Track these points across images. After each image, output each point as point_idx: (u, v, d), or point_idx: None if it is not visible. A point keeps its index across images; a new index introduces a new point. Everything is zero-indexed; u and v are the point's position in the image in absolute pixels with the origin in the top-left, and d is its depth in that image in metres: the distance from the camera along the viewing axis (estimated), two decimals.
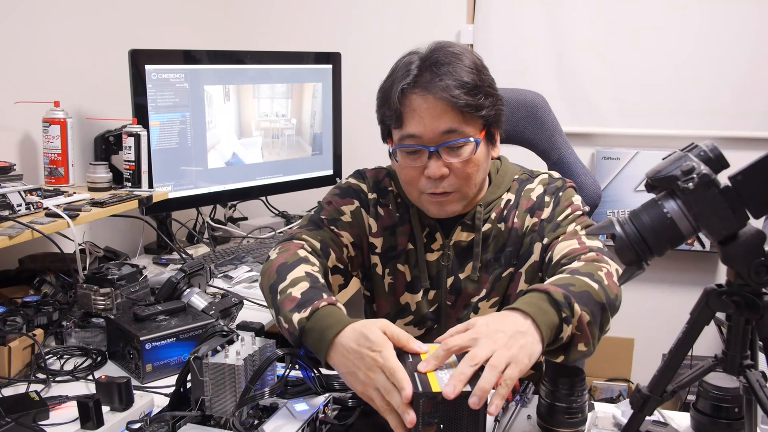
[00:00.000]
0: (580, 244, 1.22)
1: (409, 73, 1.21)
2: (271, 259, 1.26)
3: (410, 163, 1.25)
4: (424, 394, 0.89)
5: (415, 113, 1.21)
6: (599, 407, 1.17)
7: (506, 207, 1.34)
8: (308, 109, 2.45)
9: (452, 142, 1.21)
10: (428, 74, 1.20)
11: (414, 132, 1.22)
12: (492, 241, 1.33)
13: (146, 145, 1.88)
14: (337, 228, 1.34)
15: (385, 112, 1.25)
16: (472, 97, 1.20)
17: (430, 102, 1.19)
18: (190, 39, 2.58)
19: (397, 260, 1.36)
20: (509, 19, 2.65)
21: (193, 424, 1.04)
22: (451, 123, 1.20)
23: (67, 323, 1.46)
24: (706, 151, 0.86)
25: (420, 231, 1.34)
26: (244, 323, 1.52)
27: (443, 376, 0.93)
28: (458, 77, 1.19)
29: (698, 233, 0.86)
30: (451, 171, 1.23)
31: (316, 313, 1.07)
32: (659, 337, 2.17)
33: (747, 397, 0.90)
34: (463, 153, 1.23)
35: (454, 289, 1.34)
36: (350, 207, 1.37)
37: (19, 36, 1.82)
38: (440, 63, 1.20)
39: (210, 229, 2.39)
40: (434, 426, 0.90)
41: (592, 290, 1.07)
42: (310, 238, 1.31)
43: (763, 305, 0.85)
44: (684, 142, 0.91)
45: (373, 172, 1.43)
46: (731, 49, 2.52)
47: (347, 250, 1.34)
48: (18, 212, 1.46)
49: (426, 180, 1.24)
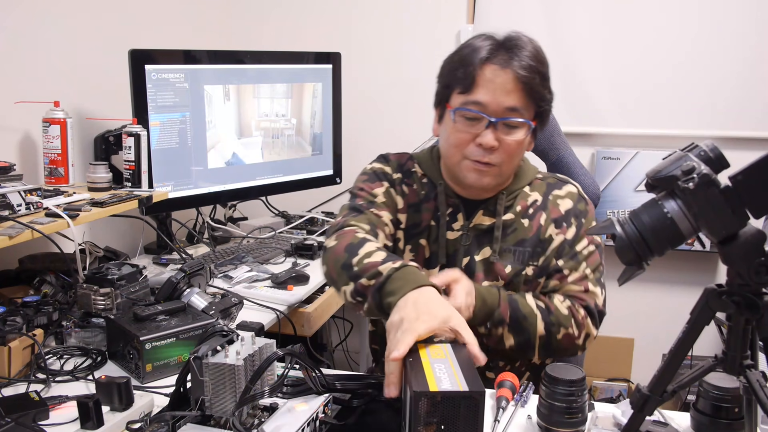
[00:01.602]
0: (582, 297, 1.34)
1: (490, 47, 1.29)
2: (332, 246, 1.29)
3: (466, 128, 1.31)
4: (422, 393, 0.89)
5: (489, 83, 1.28)
6: (599, 407, 1.17)
7: (533, 205, 1.40)
8: (308, 109, 2.45)
9: (512, 119, 1.29)
10: (508, 52, 1.29)
11: (481, 100, 1.28)
12: (512, 233, 1.39)
13: (146, 145, 1.88)
14: (376, 209, 1.40)
15: (456, 74, 1.31)
16: (541, 84, 1.30)
17: (505, 76, 1.28)
18: (190, 39, 2.58)
19: (420, 236, 1.42)
20: (509, 19, 2.65)
21: (193, 424, 1.04)
22: (516, 101, 1.29)
23: (67, 323, 1.46)
24: (706, 151, 0.86)
25: (445, 208, 1.41)
26: (244, 323, 1.52)
27: (442, 376, 0.93)
28: (534, 64, 1.29)
29: (698, 233, 0.86)
30: (501, 146, 1.30)
31: (407, 267, 1.15)
32: (659, 337, 2.17)
33: (747, 397, 0.90)
34: (516, 133, 1.31)
35: (467, 269, 1.38)
36: (381, 189, 1.44)
37: (19, 36, 1.82)
38: (517, 45, 1.29)
39: (210, 229, 2.39)
40: (433, 426, 0.90)
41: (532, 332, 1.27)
42: (359, 222, 1.36)
43: (763, 305, 0.85)
44: (684, 142, 0.91)
45: (396, 156, 1.50)
46: (731, 48, 2.52)
47: (389, 228, 1.41)
48: (18, 212, 1.46)
49: (475, 147, 1.31)
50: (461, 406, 0.89)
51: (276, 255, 2.15)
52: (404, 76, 2.81)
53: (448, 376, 0.93)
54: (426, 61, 2.78)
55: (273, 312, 1.72)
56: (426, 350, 1.01)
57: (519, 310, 1.27)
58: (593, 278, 1.36)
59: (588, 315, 1.32)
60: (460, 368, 0.96)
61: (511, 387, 1.20)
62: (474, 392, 0.90)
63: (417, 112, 2.81)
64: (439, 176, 1.43)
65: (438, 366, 0.96)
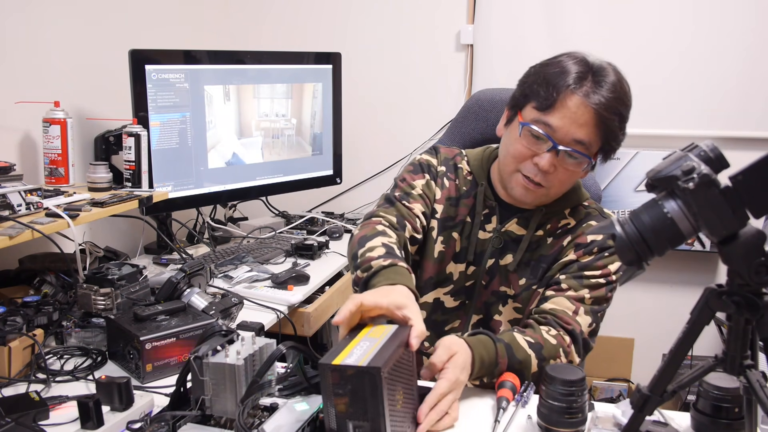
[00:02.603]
0: (569, 320, 1.31)
1: (579, 74, 1.28)
2: (353, 235, 1.37)
3: (529, 145, 1.32)
4: (327, 366, 0.92)
5: (566, 110, 1.27)
6: (599, 407, 1.17)
7: (563, 227, 1.40)
8: (308, 109, 2.45)
9: (576, 151, 1.29)
10: (595, 85, 1.27)
11: (554, 124, 1.28)
12: (536, 248, 1.40)
13: (146, 145, 1.88)
14: (408, 202, 1.43)
15: (539, 90, 1.30)
16: (618, 126, 1.30)
17: (585, 110, 1.27)
18: (190, 39, 2.58)
19: (453, 229, 1.44)
20: (509, 19, 2.65)
21: (194, 424, 1.04)
22: (587, 136, 1.28)
23: (67, 323, 1.46)
24: (706, 151, 0.85)
25: (481, 208, 1.43)
26: (244, 323, 1.52)
27: (356, 352, 0.96)
28: (617, 104, 1.28)
29: (698, 233, 0.86)
30: (556, 171, 1.31)
31: (396, 267, 1.21)
32: (659, 337, 2.17)
33: (747, 397, 0.90)
34: (575, 165, 1.31)
35: (490, 271, 1.42)
36: (421, 181, 1.47)
37: (19, 36, 1.82)
38: (608, 81, 1.28)
39: (210, 229, 2.39)
40: (345, 397, 0.93)
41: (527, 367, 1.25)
42: (386, 214, 1.41)
43: (763, 305, 0.85)
44: (684, 142, 0.90)
45: (447, 150, 1.52)
46: (731, 48, 2.51)
47: (420, 220, 1.43)
48: (18, 212, 1.46)
49: (531, 165, 1.32)
50: (365, 382, 0.92)
51: (276, 255, 2.15)
52: (404, 76, 2.81)
53: (362, 353, 0.95)
54: (426, 61, 2.79)
55: (273, 312, 1.72)
56: (370, 329, 1.05)
57: (515, 356, 1.24)
58: (588, 306, 1.32)
59: (573, 341, 1.30)
60: (381, 348, 0.97)
61: (512, 387, 1.20)
62: (371, 368, 0.91)
63: (417, 112, 2.82)
64: (484, 176, 1.44)
65: (364, 343, 0.99)
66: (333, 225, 2.51)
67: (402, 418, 1.00)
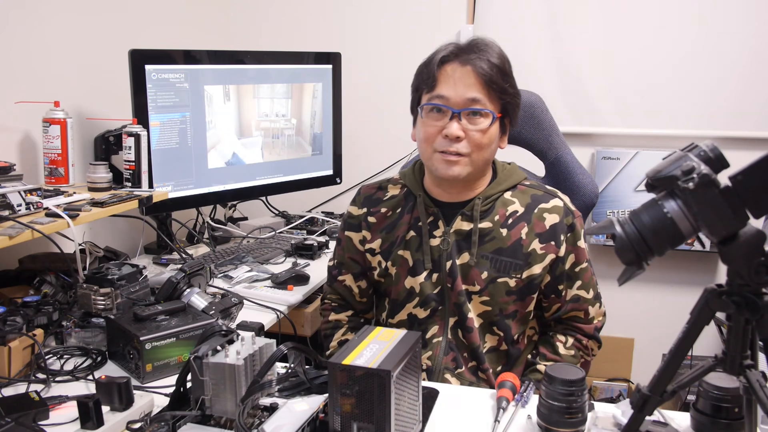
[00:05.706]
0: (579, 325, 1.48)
1: (449, 48, 1.41)
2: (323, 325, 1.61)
3: (432, 122, 1.40)
4: (337, 365, 0.93)
5: (449, 78, 1.38)
6: (599, 407, 1.17)
7: (512, 215, 1.44)
8: (308, 109, 2.45)
9: (475, 108, 1.37)
10: (466, 51, 1.39)
11: (444, 93, 1.38)
12: (489, 240, 1.43)
13: (146, 145, 1.88)
14: (341, 272, 1.59)
15: (422, 77, 1.43)
16: (499, 77, 1.38)
17: (464, 71, 1.37)
18: (190, 39, 2.58)
19: (398, 249, 1.49)
20: (509, 19, 2.65)
21: (193, 424, 1.04)
22: (477, 93, 1.37)
23: (67, 323, 1.46)
24: (706, 151, 0.86)
25: (425, 217, 1.47)
26: (244, 323, 1.52)
27: (366, 354, 0.97)
28: (491, 59, 1.38)
29: (698, 233, 0.86)
30: (466, 136, 1.38)
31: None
32: (659, 337, 2.17)
33: (747, 397, 0.90)
34: (480, 123, 1.38)
35: (452, 272, 1.45)
36: (345, 239, 1.58)
37: (19, 36, 1.82)
38: (477, 46, 1.40)
39: (210, 229, 2.39)
40: (352, 398, 0.94)
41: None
42: (332, 295, 1.63)
43: (763, 305, 0.85)
44: (684, 142, 0.90)
45: (367, 189, 1.59)
46: (731, 48, 2.52)
47: (356, 286, 1.58)
48: (18, 212, 1.46)
49: (442, 139, 1.39)
50: (374, 384, 0.92)
51: (276, 255, 2.15)
52: (404, 76, 2.77)
53: (372, 355, 0.96)
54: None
55: (273, 312, 1.72)
56: (379, 332, 1.06)
57: None
58: (592, 297, 1.48)
59: (589, 339, 1.48)
60: (391, 351, 0.98)
61: (512, 387, 1.20)
62: (380, 371, 0.93)
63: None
64: (419, 187, 1.50)
65: (373, 345, 1.00)
66: (333, 225, 2.51)
67: (405, 421, 1.00)
